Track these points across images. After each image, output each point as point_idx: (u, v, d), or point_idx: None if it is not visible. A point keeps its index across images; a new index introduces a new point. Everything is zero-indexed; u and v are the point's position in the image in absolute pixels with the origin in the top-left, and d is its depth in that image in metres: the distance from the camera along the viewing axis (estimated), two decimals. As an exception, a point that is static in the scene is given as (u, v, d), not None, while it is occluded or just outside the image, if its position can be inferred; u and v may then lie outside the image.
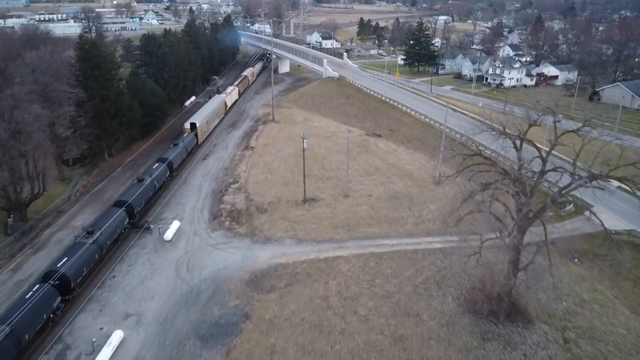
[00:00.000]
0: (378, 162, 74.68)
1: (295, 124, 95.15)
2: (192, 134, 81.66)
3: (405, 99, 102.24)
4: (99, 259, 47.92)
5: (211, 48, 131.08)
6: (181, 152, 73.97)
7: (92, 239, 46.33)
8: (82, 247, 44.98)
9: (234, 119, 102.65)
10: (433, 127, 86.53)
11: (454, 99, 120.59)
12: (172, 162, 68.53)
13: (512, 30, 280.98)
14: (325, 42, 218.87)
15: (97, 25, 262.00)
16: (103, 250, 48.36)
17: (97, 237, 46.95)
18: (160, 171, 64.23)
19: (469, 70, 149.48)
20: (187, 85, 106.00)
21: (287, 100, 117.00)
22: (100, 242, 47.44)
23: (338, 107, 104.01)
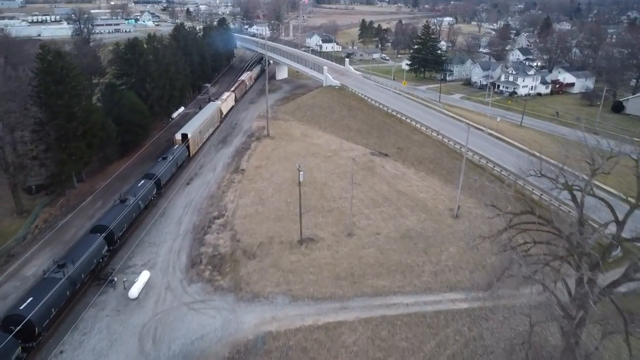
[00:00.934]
0: (386, 190, 65.13)
1: (292, 141, 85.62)
2: (183, 145, 74.67)
3: (413, 111, 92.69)
4: (71, 296, 41.89)
5: (203, 53, 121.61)
6: (170, 167, 67.38)
7: (63, 273, 40.52)
8: (51, 284, 39.15)
9: (225, 134, 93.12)
10: (447, 146, 76.94)
11: (465, 110, 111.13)
12: (159, 179, 62.34)
13: (519, 33, 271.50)
14: (325, 45, 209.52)
15: (88, 28, 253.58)
16: (76, 286, 42.60)
17: (70, 271, 41.14)
18: (146, 189, 58.04)
19: (479, 76, 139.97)
20: (174, 95, 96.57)
21: (284, 111, 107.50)
22: (74, 276, 41.56)
23: (339, 120, 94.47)
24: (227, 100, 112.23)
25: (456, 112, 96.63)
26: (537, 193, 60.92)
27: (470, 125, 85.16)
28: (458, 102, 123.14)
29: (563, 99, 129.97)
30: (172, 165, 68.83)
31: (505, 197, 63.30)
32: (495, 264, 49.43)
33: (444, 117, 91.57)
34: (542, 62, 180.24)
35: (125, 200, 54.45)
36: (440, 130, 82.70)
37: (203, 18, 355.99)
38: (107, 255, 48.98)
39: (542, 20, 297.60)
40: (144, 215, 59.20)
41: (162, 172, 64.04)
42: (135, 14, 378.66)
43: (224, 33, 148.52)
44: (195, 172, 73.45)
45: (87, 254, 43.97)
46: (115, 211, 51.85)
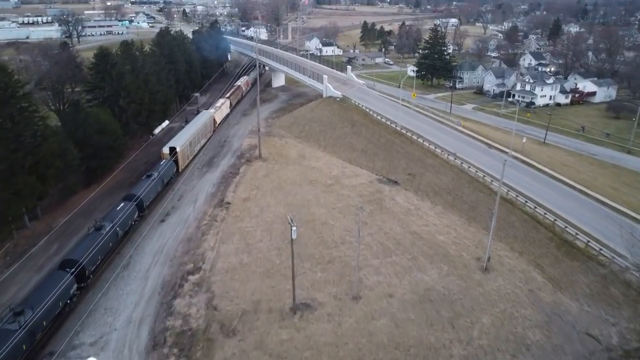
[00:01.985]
0: (398, 231, 54.34)
1: (287, 164, 74.81)
2: (170, 160, 68.06)
3: (425, 129, 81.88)
4: (29, 348, 35.33)
5: (191, 60, 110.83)
6: (155, 185, 61.02)
7: (19, 323, 34.65)
8: (4, 338, 33.17)
9: (211, 154, 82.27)
10: (467, 174, 66.08)
11: (480, 124, 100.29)
12: (142, 200, 56.19)
13: (527, 35, 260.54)
14: (325, 49, 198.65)
15: (77, 30, 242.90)
16: (35, 336, 36.34)
17: (28, 319, 35.23)
18: (126, 214, 52.02)
19: (493, 85, 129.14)
20: (155, 109, 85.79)
21: (280, 125, 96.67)
22: (32, 326, 35.49)
23: (341, 138, 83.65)
24: (221, 108, 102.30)
25: (472, 129, 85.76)
26: (585, 242, 50.01)
27: (491, 146, 74.68)
28: (470, 113, 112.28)
29: (585, 109, 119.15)
30: (157, 183, 61.97)
31: (544, 242, 52.76)
32: (543, 343, 38.87)
33: (460, 135, 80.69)
34: (555, 67, 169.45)
35: (101, 227, 48.16)
36: (457, 152, 71.94)
37: (199, 19, 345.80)
38: (78, 294, 42.81)
39: (551, 22, 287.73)
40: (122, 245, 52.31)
41: (145, 192, 57.24)
42: (130, 15, 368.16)
43: (216, 37, 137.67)
44: (172, 205, 62.61)
45: (51, 296, 37.73)
46: (88, 241, 45.58)
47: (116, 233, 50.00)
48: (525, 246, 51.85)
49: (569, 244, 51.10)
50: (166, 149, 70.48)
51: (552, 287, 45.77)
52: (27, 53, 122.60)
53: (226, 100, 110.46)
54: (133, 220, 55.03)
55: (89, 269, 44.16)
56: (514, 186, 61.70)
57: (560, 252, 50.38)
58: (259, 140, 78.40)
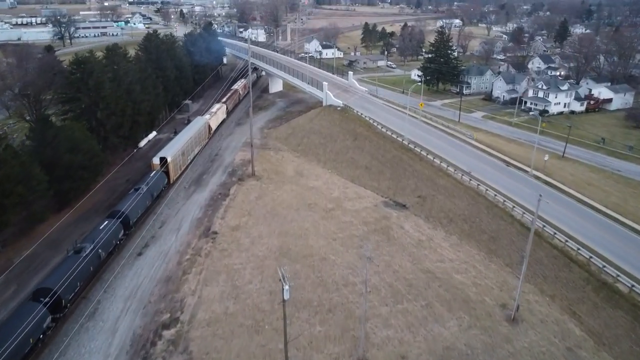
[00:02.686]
0: (409, 268, 47.22)
1: (283, 183, 67.67)
2: (160, 171, 64.04)
3: (435, 143, 74.70)
4: None
5: (182, 65, 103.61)
6: (143, 200, 57.18)
7: None
8: None
9: (201, 170, 75.08)
10: (485, 197, 58.86)
11: (492, 135, 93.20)
12: (128, 217, 52.36)
13: (532, 37, 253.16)
14: (325, 51, 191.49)
15: (69, 31, 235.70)
16: None
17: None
18: (109, 233, 47.87)
19: (502, 91, 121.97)
20: (140, 121, 78.68)
21: (276, 136, 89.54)
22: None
23: (343, 153, 76.53)
24: (217, 114, 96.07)
25: (486, 142, 78.54)
26: (629, 286, 42.84)
27: (509, 164, 67.59)
28: (480, 122, 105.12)
29: (601, 118, 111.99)
30: (146, 197, 58.13)
31: (579, 284, 45.54)
32: None
33: (473, 150, 73.46)
34: (565, 71, 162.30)
35: (81, 249, 44.13)
36: (472, 171, 64.77)
37: (197, 20, 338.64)
38: (53, 326, 38.73)
39: (556, 23, 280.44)
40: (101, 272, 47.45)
41: (132, 208, 53.41)
42: (126, 15, 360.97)
43: (210, 39, 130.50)
44: (153, 234, 55.44)
45: (19, 333, 33.57)
46: (66, 266, 41.46)
47: (98, 255, 45.95)
48: (557, 289, 44.72)
49: (608, 288, 43.97)
50: (156, 160, 66.09)
51: (593, 343, 38.65)
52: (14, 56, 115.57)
53: (222, 105, 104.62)
54: (118, 239, 50.74)
55: (66, 298, 40.15)
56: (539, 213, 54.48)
57: (599, 297, 43.26)
58: (252, 156, 71.14)
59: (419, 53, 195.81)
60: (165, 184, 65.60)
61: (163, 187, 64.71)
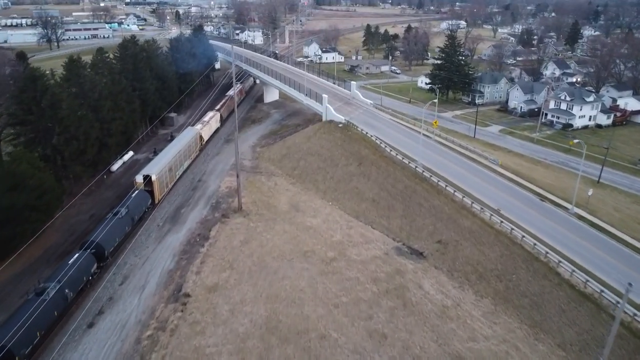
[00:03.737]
0: (433, 352, 36.33)
1: (275, 221, 56.81)
2: (143, 191, 58.43)
3: (454, 170, 63.70)
4: None
5: (164, 75, 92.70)
6: (122, 225, 51.57)
7: None
8: None
9: (180, 201, 64.20)
10: (521, 246, 47.84)
11: (513, 154, 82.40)
12: (102, 247, 46.95)
13: (541, 39, 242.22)
14: (325, 55, 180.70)
15: (56, 34, 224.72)
16: None
17: None
18: (78, 268, 42.17)
19: (520, 101, 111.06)
20: (111, 143, 67.82)
21: (269, 157, 78.73)
22: None
23: (346, 181, 65.66)
24: (209, 123, 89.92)
25: (512, 168, 67.48)
26: None
27: (543, 199, 56.66)
28: (498, 138, 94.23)
29: (630, 132, 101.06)
30: (125, 222, 52.30)
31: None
32: None
33: (499, 180, 62.31)
34: (581, 77, 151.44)
35: (43, 291, 38.48)
36: (501, 208, 53.88)
37: (193, 21, 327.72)
38: None
39: (565, 25, 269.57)
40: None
41: (107, 236, 47.88)
42: (120, 16, 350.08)
43: (200, 44, 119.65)
44: (111, 294, 44.60)
45: None
46: (21, 314, 35.59)
47: (64, 296, 40.27)
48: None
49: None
50: (140, 178, 60.44)
51: None
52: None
53: (216, 114, 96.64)
54: (90, 274, 44.87)
55: (23, 351, 34.38)
56: (590, 268, 43.62)
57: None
58: (239, 189, 60.12)
59: (424, 57, 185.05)
60: (150, 205, 59.55)
61: (146, 209, 58.60)
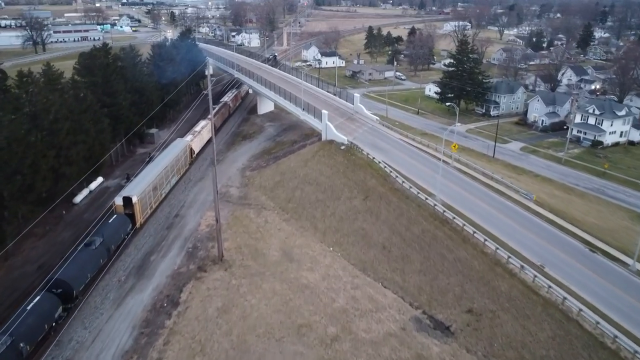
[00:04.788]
0: None
1: (263, 276, 45.99)
2: (121, 216, 53.60)
3: (481, 208, 52.61)
4: None
5: (143, 87, 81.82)
6: (95, 258, 45.75)
7: None
8: None
9: (148, 246, 53.18)
10: (580, 325, 36.85)
11: (541, 179, 71.68)
12: (70, 285, 40.79)
13: (552, 42, 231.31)
14: (325, 60, 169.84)
15: (42, 36, 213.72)
16: None
17: None
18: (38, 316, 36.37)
19: (541, 114, 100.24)
20: (69, 172, 56.92)
21: (260, 184, 67.92)
22: None
23: (349, 219, 54.82)
24: (201, 133, 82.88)
25: (549, 204, 56.41)
26: None
27: (594, 247, 45.75)
28: (520, 158, 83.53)
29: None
30: (99, 254, 46.37)
31: None
32: None
33: (537, 221, 51.08)
34: (600, 84, 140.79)
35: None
36: (545, 264, 43.02)
37: (188, 23, 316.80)
38: None
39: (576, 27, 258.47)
40: None
41: (77, 273, 42.43)
42: (113, 17, 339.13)
43: (187, 50, 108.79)
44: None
45: None
46: None
47: (18, 352, 33.84)
48: None
49: None
50: (119, 200, 55.09)
51: None
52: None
53: (208, 123, 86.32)
54: (53, 320, 38.66)
55: None
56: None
57: None
58: (219, 237, 49.21)
59: (430, 62, 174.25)
60: (130, 230, 53.67)
61: (126, 235, 52.41)
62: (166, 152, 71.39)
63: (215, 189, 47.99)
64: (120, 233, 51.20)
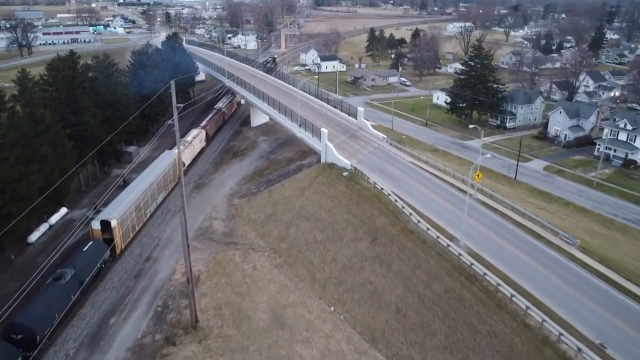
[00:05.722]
0: None
1: (246, 350, 36.47)
2: (98, 242, 47.72)
3: (515, 257, 42.86)
4: None
5: (117, 101, 72.14)
6: (64, 296, 39.06)
7: None
8: None
9: (109, 303, 43.65)
10: None
11: (573, 208, 62.13)
12: (32, 330, 34.94)
13: (561, 45, 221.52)
14: (325, 64, 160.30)
15: (28, 38, 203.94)
16: None
17: None
18: None
19: (564, 127, 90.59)
20: (17, 209, 47.25)
21: (249, 216, 58.39)
22: None
23: (354, 268, 45.23)
24: (192, 144, 77.74)
25: (595, 250, 46.68)
26: None
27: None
28: (545, 180, 73.99)
29: None
30: (70, 290, 40.27)
31: None
32: None
33: (585, 275, 41.23)
34: (619, 91, 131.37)
35: None
36: (605, 342, 33.38)
37: (183, 23, 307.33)
38: None
39: (585, 28, 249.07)
40: None
41: (40, 314, 36.50)
42: (107, 18, 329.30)
43: (174, 56, 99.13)
44: None
45: None
46: None
47: None
48: None
49: None
50: (96, 224, 49.82)
51: None
52: None
53: (200, 132, 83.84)
54: None
55: None
56: None
57: None
58: (192, 296, 39.56)
59: (436, 66, 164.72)
60: (109, 258, 48.26)
61: (103, 265, 46.79)
62: (152, 167, 65.41)
63: (185, 242, 38.26)
64: (97, 262, 44.90)
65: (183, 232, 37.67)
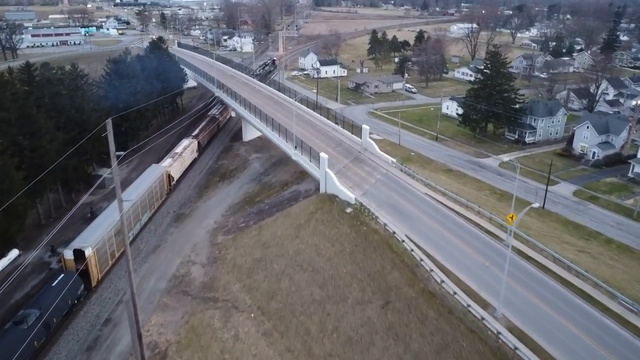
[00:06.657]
0: None
1: None
2: (69, 275, 41.36)
3: (573, 340, 33.39)
4: None
5: (85, 120, 62.54)
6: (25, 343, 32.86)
7: None
8: None
9: None
10: None
11: (616, 248, 52.75)
12: None
13: (572, 47, 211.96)
14: (325, 69, 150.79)
15: (12, 40, 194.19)
16: None
17: None
18: None
19: (592, 144, 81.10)
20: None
21: (234, 261, 48.92)
22: None
23: (362, 342, 35.87)
24: (182, 156, 72.50)
25: None
26: None
27: None
28: (577, 209, 64.54)
29: None
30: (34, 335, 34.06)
31: None
32: None
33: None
34: None
35: None
36: None
37: (179, 24, 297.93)
38: None
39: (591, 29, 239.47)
40: None
41: None
42: (99, 19, 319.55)
43: (159, 65, 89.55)
44: None
45: None
46: None
47: None
48: None
49: None
50: (69, 254, 44.50)
51: None
52: None
53: (192, 142, 78.75)
54: None
55: None
56: None
57: None
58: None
59: (443, 71, 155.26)
60: (82, 293, 43.38)
61: (75, 302, 41.93)
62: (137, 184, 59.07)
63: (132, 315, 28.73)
64: (67, 299, 40.30)
65: (131, 323, 28.15)
